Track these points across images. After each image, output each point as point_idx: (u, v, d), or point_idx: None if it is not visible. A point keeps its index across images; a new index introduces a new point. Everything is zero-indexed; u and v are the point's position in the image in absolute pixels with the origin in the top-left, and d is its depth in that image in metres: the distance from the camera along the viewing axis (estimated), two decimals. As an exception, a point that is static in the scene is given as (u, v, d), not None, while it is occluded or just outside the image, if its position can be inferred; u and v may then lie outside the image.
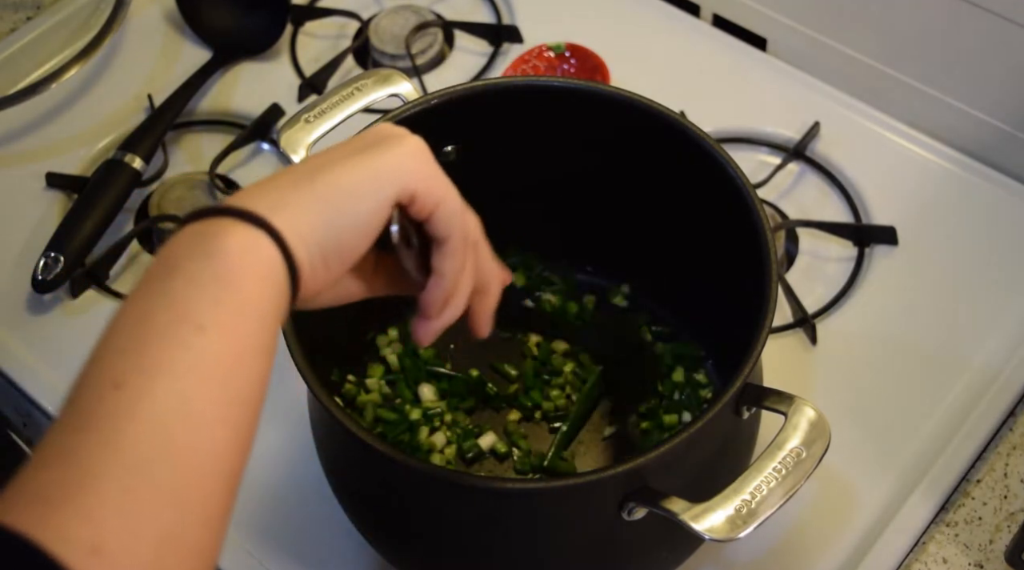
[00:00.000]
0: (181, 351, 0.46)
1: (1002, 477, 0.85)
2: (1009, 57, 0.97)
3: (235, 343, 0.48)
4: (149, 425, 0.44)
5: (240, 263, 0.50)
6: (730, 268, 0.77)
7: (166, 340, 0.47)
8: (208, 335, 0.47)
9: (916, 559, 0.81)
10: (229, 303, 0.49)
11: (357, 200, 0.54)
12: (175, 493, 0.44)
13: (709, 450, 0.70)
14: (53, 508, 0.42)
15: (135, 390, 0.45)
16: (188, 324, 0.47)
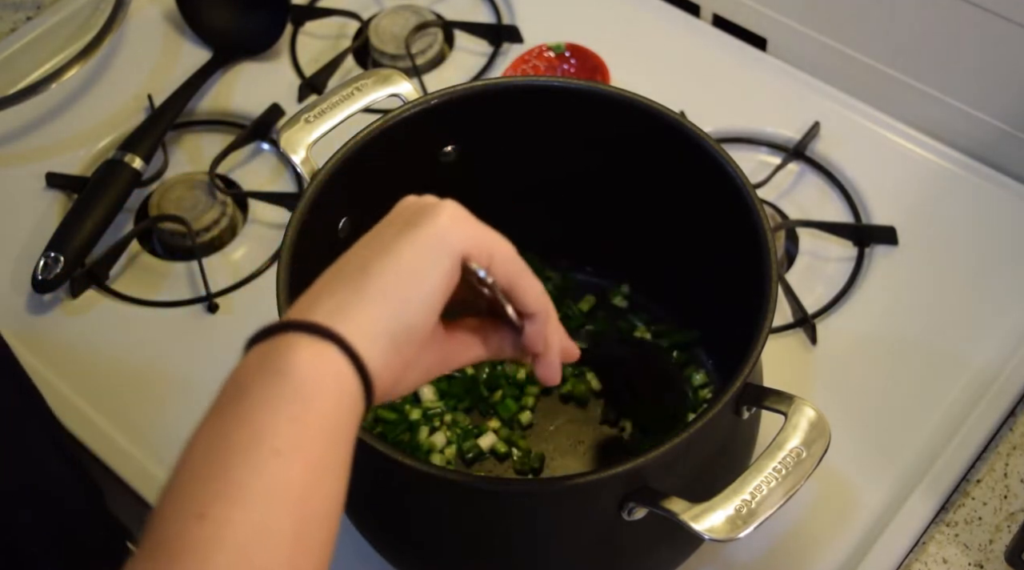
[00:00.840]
0: (258, 476, 0.47)
1: (1002, 477, 0.85)
2: (1009, 57, 0.97)
3: (310, 463, 0.49)
4: (233, 554, 0.46)
5: (311, 378, 0.50)
6: (730, 268, 0.77)
7: (244, 466, 0.48)
8: (284, 458, 0.48)
9: (916, 559, 0.81)
10: (303, 422, 0.49)
11: (418, 282, 0.54)
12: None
13: (709, 450, 0.70)
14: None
15: (217, 521, 0.46)
16: (264, 447, 0.48)
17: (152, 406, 0.91)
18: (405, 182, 0.83)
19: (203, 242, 1.00)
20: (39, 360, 0.94)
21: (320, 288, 0.55)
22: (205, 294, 0.96)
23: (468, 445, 0.85)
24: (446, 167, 0.84)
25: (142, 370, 0.93)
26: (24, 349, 0.94)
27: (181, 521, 0.47)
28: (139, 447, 0.89)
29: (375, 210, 0.82)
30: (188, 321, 0.96)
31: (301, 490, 0.48)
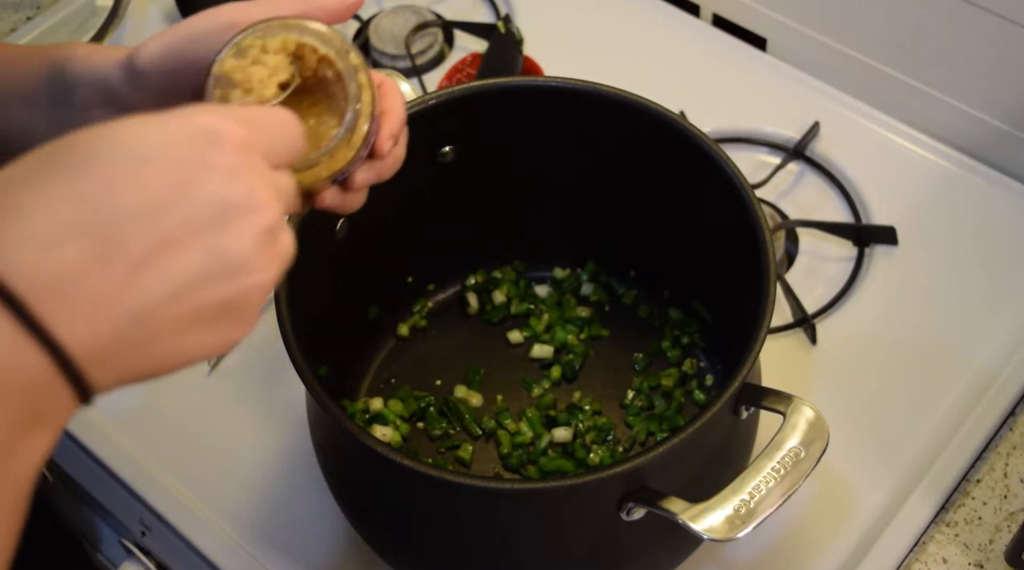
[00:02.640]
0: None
1: (1002, 477, 0.85)
2: (1009, 57, 0.97)
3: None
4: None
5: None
6: (729, 268, 0.77)
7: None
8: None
9: (916, 559, 0.81)
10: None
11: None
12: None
13: (708, 450, 0.70)
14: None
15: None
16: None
17: (152, 406, 0.91)
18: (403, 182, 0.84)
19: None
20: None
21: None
22: (205, 294, 0.96)
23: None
24: (444, 167, 0.84)
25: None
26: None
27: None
28: (139, 447, 0.89)
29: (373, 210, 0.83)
30: (188, 321, 0.96)
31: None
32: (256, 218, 0.44)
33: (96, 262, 0.40)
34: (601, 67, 1.00)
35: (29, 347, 0.39)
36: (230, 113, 0.46)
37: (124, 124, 0.43)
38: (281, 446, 0.88)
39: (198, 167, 0.43)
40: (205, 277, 0.43)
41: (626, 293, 0.93)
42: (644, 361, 0.90)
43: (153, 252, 0.41)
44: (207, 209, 0.43)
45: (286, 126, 0.49)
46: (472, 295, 0.93)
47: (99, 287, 0.40)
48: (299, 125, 0.51)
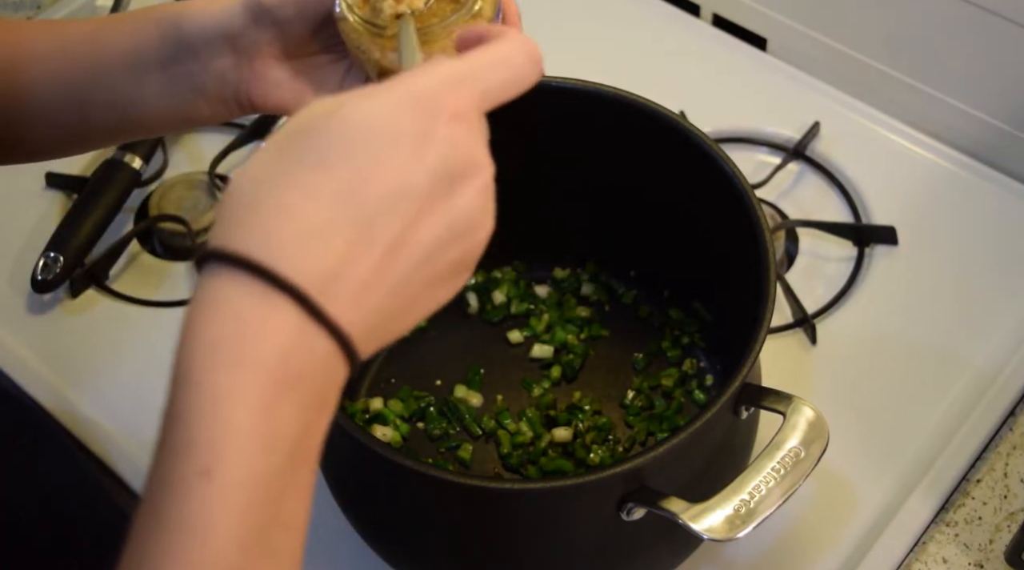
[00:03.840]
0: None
1: (1002, 477, 0.85)
2: (1009, 57, 0.97)
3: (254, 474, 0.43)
4: None
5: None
6: (730, 268, 0.77)
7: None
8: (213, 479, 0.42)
9: (916, 559, 0.81)
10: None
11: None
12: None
13: (708, 450, 0.70)
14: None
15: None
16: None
17: (153, 406, 0.91)
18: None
19: (203, 242, 1.00)
20: (39, 360, 0.94)
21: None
22: (205, 294, 0.96)
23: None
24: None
25: (142, 370, 0.93)
26: (24, 349, 0.94)
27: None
28: (139, 447, 0.89)
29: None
30: (188, 321, 0.96)
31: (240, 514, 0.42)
32: (478, 178, 0.48)
33: (360, 248, 0.44)
34: (601, 67, 1.00)
35: (317, 337, 0.43)
36: (440, 74, 0.47)
37: (349, 105, 0.45)
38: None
39: (424, 141, 0.45)
40: (446, 241, 0.46)
41: (626, 293, 0.93)
42: (644, 361, 0.90)
43: (404, 230, 0.45)
44: (440, 180, 0.46)
45: (499, 65, 0.50)
46: (472, 295, 0.93)
47: (364, 271, 0.44)
48: (512, 56, 0.51)
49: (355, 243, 0.44)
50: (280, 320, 0.42)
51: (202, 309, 0.44)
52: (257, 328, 0.42)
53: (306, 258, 0.43)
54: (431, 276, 0.47)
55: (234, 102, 0.65)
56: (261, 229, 0.43)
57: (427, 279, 0.46)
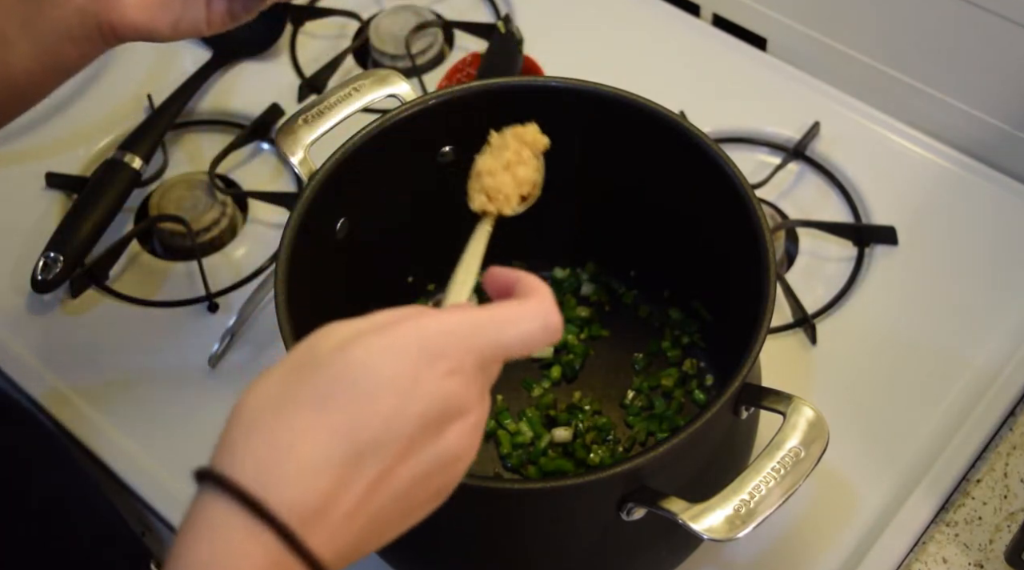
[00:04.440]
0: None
1: (1002, 477, 0.85)
2: (1009, 57, 0.97)
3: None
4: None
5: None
6: (730, 268, 0.77)
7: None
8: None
9: (916, 559, 0.81)
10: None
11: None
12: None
13: (708, 450, 0.70)
14: None
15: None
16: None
17: (152, 406, 0.91)
18: (403, 182, 0.84)
19: (203, 242, 1.00)
20: (39, 360, 0.94)
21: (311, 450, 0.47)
22: (205, 294, 0.96)
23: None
24: (444, 168, 0.84)
25: (142, 370, 0.93)
26: (24, 349, 0.94)
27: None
28: (139, 447, 0.89)
29: (372, 211, 0.83)
30: (188, 321, 0.96)
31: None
32: (467, 419, 0.50)
33: (344, 487, 0.46)
34: (601, 67, 1.00)
35: (295, 565, 0.45)
36: (453, 326, 0.50)
37: (359, 346, 0.48)
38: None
39: (421, 390, 0.48)
40: (427, 475, 0.49)
41: (626, 293, 0.93)
42: (644, 361, 0.90)
43: (387, 469, 0.47)
44: (429, 425, 0.48)
45: (515, 326, 0.53)
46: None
47: (346, 506, 0.47)
48: (531, 320, 0.55)
49: (340, 481, 0.46)
50: (262, 550, 0.45)
51: (195, 529, 0.47)
52: (241, 555, 0.45)
53: (294, 493, 0.46)
54: (411, 505, 0.50)
55: (97, 35, 0.72)
56: (255, 460, 0.46)
57: (405, 508, 0.49)
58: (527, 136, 0.72)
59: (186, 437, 0.90)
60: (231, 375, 0.92)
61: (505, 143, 0.72)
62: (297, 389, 0.48)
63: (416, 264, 0.92)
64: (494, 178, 0.71)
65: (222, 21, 0.76)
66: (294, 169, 0.77)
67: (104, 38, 0.74)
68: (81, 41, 0.73)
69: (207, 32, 0.76)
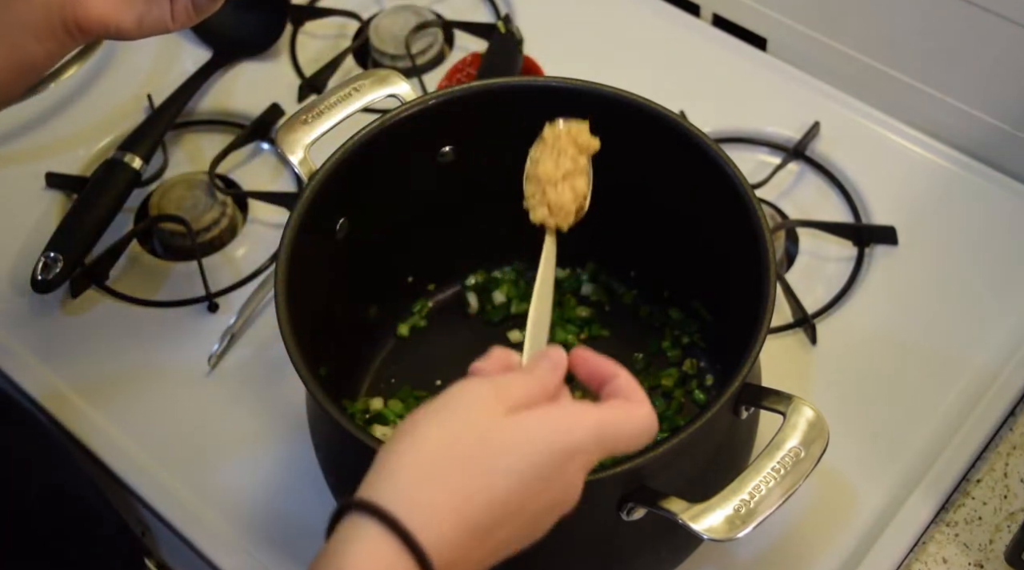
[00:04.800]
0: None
1: (1002, 477, 0.85)
2: (1009, 57, 0.97)
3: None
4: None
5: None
6: (730, 268, 0.77)
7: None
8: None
9: (916, 559, 0.81)
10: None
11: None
12: None
13: (708, 450, 0.70)
14: None
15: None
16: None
17: (152, 406, 0.91)
18: (403, 182, 0.84)
19: (203, 242, 1.00)
20: (39, 360, 0.94)
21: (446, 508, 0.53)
22: (205, 294, 0.96)
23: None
24: (444, 168, 0.84)
25: (142, 370, 0.93)
26: (24, 349, 0.94)
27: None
28: (139, 446, 0.89)
29: (372, 211, 0.83)
30: (188, 321, 0.96)
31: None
32: (571, 506, 0.57)
33: (479, 546, 0.53)
34: (601, 67, 1.00)
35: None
36: (585, 432, 0.56)
37: (519, 426, 0.55)
38: (281, 446, 0.88)
39: (562, 481, 0.55)
40: (518, 542, 0.56)
41: (626, 293, 0.93)
42: (644, 361, 0.90)
43: (510, 536, 0.55)
44: (548, 509, 0.56)
45: (628, 433, 0.58)
46: (472, 295, 0.93)
47: (474, 562, 0.54)
48: (641, 427, 0.58)
49: (480, 542, 0.53)
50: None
51: (350, 553, 0.55)
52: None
53: (447, 547, 0.52)
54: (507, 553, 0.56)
55: (62, 30, 0.73)
56: (429, 508, 0.52)
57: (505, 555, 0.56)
58: (581, 137, 0.74)
59: (186, 437, 0.90)
60: (230, 376, 0.92)
61: (561, 146, 0.73)
62: (472, 451, 0.54)
63: (416, 264, 0.92)
64: (556, 190, 0.73)
65: (187, 16, 0.76)
66: (294, 169, 0.77)
67: (69, 34, 0.74)
68: (46, 38, 0.74)
69: (172, 28, 0.77)
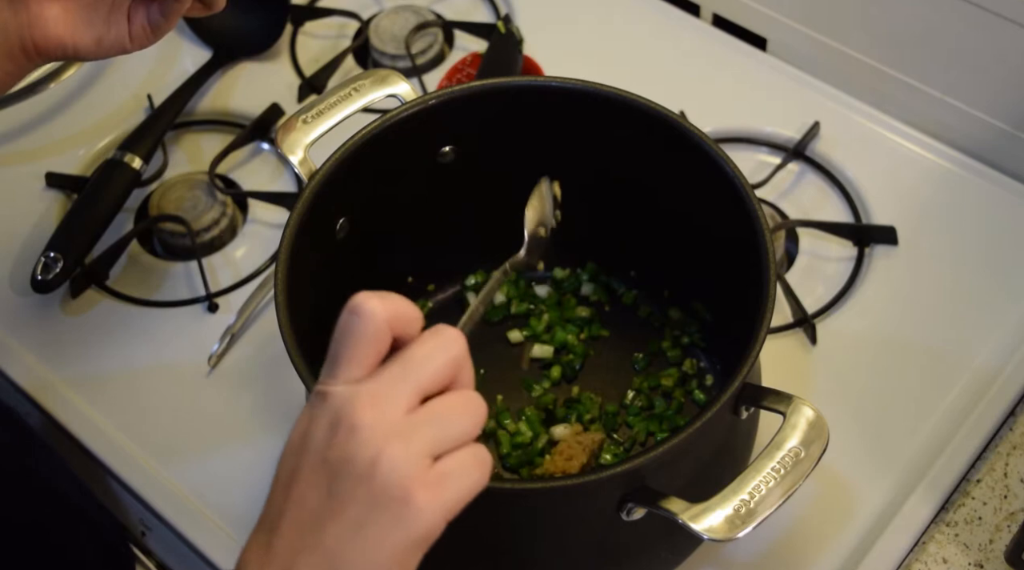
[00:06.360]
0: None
1: (1002, 477, 0.85)
2: (1009, 57, 0.97)
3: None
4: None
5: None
6: (730, 268, 0.77)
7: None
8: None
9: (916, 559, 0.81)
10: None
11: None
12: None
13: (708, 450, 0.70)
14: None
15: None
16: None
17: (152, 406, 0.91)
18: (403, 182, 0.84)
19: (203, 242, 1.00)
20: (39, 360, 0.94)
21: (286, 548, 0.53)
22: (205, 294, 0.96)
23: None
24: (444, 168, 0.84)
25: (142, 370, 0.93)
26: (24, 349, 0.94)
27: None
28: (139, 447, 0.89)
29: (373, 211, 0.83)
30: (188, 321, 0.96)
31: None
32: (390, 475, 0.53)
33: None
34: (601, 67, 1.00)
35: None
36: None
37: None
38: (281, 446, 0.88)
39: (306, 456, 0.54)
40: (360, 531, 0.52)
41: (626, 293, 0.93)
42: (644, 361, 0.90)
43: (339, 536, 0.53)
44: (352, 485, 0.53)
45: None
46: (472, 295, 0.93)
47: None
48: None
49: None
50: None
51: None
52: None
53: None
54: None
55: (20, 52, 0.73)
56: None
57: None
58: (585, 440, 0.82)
59: (186, 437, 0.90)
60: (230, 376, 0.92)
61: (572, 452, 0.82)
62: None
63: (416, 264, 0.92)
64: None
65: (145, 36, 0.77)
66: (294, 169, 0.77)
67: (27, 55, 0.74)
68: (4, 60, 0.74)
69: (131, 48, 0.77)
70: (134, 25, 0.76)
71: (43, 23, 0.73)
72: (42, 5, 0.73)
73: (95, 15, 0.74)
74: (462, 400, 0.54)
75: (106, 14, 0.75)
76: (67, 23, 0.74)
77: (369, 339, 0.53)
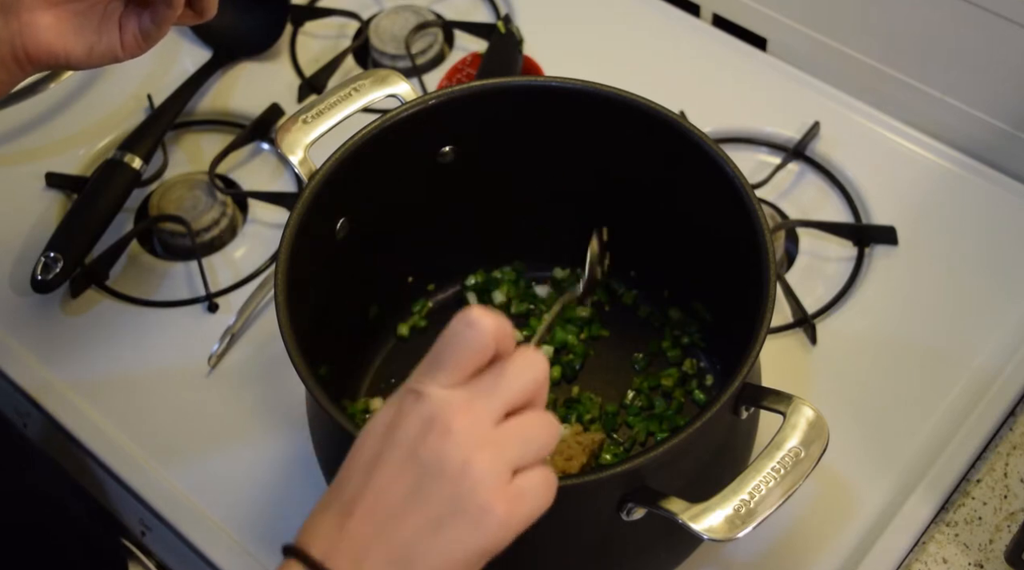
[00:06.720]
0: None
1: (1002, 477, 0.85)
2: (1009, 57, 0.97)
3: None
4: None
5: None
6: (730, 268, 0.77)
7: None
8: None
9: (916, 559, 0.81)
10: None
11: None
12: None
13: (708, 450, 0.70)
14: None
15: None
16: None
17: (152, 406, 0.91)
18: (403, 182, 0.84)
19: (203, 242, 1.00)
20: (39, 360, 0.94)
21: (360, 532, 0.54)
22: (205, 294, 0.96)
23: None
24: (444, 168, 0.84)
25: (142, 370, 0.93)
26: (24, 349, 0.94)
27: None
28: (139, 447, 0.89)
29: (372, 211, 0.83)
30: (188, 321, 0.96)
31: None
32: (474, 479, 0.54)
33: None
34: (601, 67, 1.00)
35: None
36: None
37: None
38: (281, 446, 0.88)
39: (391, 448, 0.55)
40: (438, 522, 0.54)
41: (626, 293, 0.93)
42: (644, 361, 0.90)
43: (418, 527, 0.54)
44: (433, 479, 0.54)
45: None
46: (472, 295, 0.93)
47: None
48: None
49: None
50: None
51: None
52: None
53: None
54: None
55: (12, 60, 0.73)
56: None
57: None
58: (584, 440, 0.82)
59: (186, 437, 0.90)
60: (230, 376, 0.92)
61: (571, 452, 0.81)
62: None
63: (416, 264, 0.92)
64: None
65: (136, 44, 0.77)
66: (294, 169, 0.77)
67: (19, 64, 0.74)
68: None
69: (123, 57, 0.77)
70: (126, 34, 0.76)
71: (34, 32, 0.73)
72: (33, 14, 0.73)
73: (86, 24, 0.74)
74: (542, 420, 0.56)
75: (97, 23, 0.75)
76: (58, 32, 0.74)
77: (476, 351, 0.55)
